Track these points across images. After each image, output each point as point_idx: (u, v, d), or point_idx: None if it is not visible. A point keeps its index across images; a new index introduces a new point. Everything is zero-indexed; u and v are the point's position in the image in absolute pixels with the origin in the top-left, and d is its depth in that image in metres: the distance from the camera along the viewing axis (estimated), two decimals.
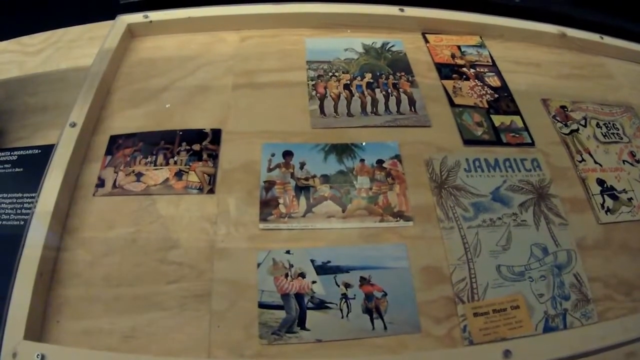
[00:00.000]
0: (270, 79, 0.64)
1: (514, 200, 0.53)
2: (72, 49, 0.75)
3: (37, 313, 0.44)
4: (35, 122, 0.64)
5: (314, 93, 0.62)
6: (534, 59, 0.72)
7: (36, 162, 0.59)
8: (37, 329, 0.43)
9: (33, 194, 0.52)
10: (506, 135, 0.59)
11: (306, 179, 0.53)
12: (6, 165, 0.60)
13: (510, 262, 0.49)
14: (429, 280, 0.47)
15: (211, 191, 0.53)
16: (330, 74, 0.64)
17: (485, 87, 0.64)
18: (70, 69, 0.72)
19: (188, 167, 0.55)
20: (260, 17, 0.70)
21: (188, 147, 0.57)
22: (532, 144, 0.59)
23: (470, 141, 0.58)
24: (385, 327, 0.44)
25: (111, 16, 0.74)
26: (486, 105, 0.62)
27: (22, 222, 0.53)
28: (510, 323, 0.45)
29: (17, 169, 0.59)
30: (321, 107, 0.60)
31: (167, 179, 0.54)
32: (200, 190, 0.53)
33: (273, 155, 0.55)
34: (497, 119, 0.60)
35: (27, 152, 0.61)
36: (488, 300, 0.46)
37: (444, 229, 0.50)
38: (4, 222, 0.54)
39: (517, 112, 0.62)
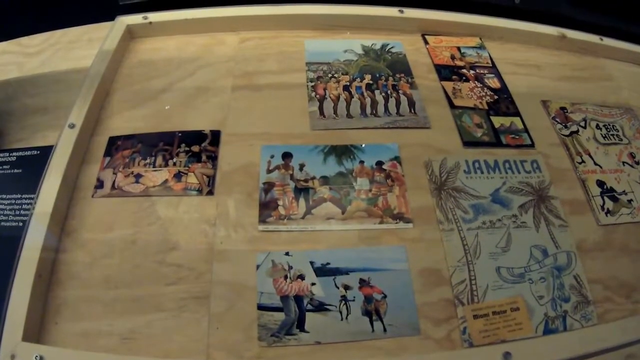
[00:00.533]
0: (270, 81, 0.64)
1: (514, 201, 0.53)
2: (71, 50, 0.75)
3: (36, 314, 0.44)
4: (35, 123, 0.65)
5: (313, 94, 0.62)
6: (533, 60, 0.72)
7: (35, 163, 0.59)
8: (36, 331, 0.43)
9: (32, 195, 0.52)
10: (506, 137, 0.59)
11: (305, 180, 0.53)
12: (5, 167, 0.60)
13: (510, 264, 0.49)
14: (429, 282, 0.47)
15: (210, 193, 0.53)
16: (330, 75, 0.64)
17: (485, 88, 0.65)
18: (70, 70, 0.72)
19: (187, 168, 0.55)
20: (260, 19, 0.70)
21: (187, 149, 0.57)
22: (531, 146, 0.59)
23: (469, 143, 0.58)
24: (384, 329, 0.44)
25: (110, 17, 0.74)
26: (486, 107, 0.62)
27: (20, 224, 0.53)
28: (510, 325, 0.46)
29: (16, 170, 0.59)
30: (320, 108, 0.60)
31: (166, 181, 0.54)
32: (200, 191, 0.53)
33: (272, 156, 0.55)
34: (497, 121, 0.60)
35: (26, 153, 0.61)
36: (488, 302, 0.47)
37: (444, 230, 0.50)
38: (2, 223, 0.54)
39: (516, 114, 0.62)
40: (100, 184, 0.54)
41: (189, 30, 0.71)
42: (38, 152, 0.61)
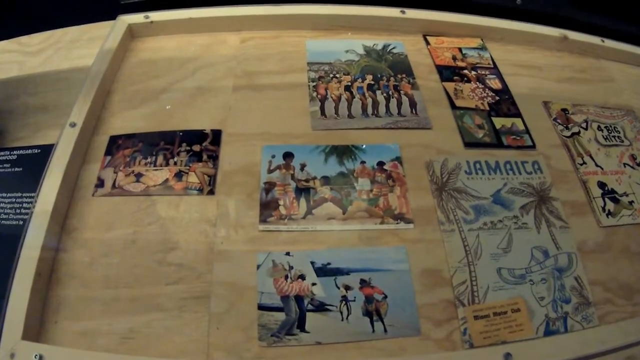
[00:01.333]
0: (271, 81, 0.64)
1: (515, 203, 0.53)
2: (72, 49, 0.75)
3: (35, 313, 0.44)
4: (35, 122, 0.65)
5: (314, 94, 0.62)
6: (535, 61, 0.72)
7: (36, 161, 0.59)
8: (35, 330, 0.43)
9: (32, 194, 0.52)
10: (507, 138, 0.59)
11: (307, 180, 0.53)
12: (5, 165, 0.60)
13: (511, 265, 0.49)
14: (430, 282, 0.47)
15: (211, 192, 0.53)
16: (331, 75, 0.64)
17: (487, 89, 0.64)
18: (70, 69, 0.72)
19: (188, 167, 0.55)
20: (261, 19, 0.70)
21: (188, 148, 0.57)
22: (533, 147, 0.59)
23: (471, 144, 0.58)
24: (385, 330, 0.44)
25: (112, 16, 0.74)
26: (487, 108, 0.62)
27: (21, 222, 0.53)
28: (510, 326, 0.45)
29: (16, 169, 0.59)
30: (322, 108, 0.60)
31: (166, 180, 0.54)
32: (200, 191, 0.53)
33: (273, 156, 0.55)
34: (498, 122, 0.60)
35: (27, 151, 0.61)
36: (489, 303, 0.46)
37: (445, 231, 0.50)
38: (3, 222, 0.54)
39: (518, 115, 0.62)
40: (100, 183, 0.54)
41: (190, 29, 0.71)
42: (39, 150, 0.60)
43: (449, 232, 0.50)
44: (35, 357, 0.40)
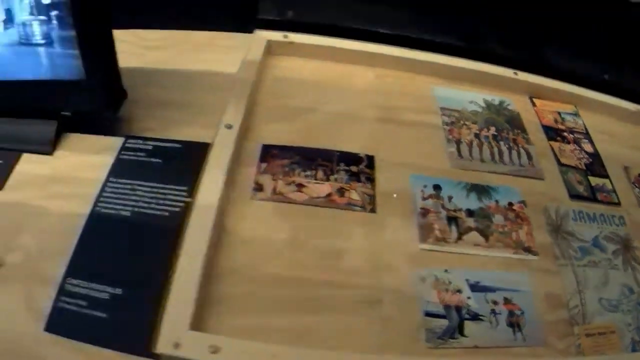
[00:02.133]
0: (409, 118, 0.79)
1: (608, 248, 0.74)
2: (194, 51, 0.90)
3: (198, 307, 0.50)
4: (163, 116, 0.76)
5: (450, 137, 0.80)
6: (615, 130, 0.91)
7: (176, 155, 0.69)
8: (199, 322, 0.50)
9: (174, 187, 0.64)
10: (600, 195, 0.82)
11: (454, 210, 0.73)
12: (140, 154, 0.70)
13: (608, 296, 0.71)
14: (552, 305, 0.64)
15: (372, 210, 0.69)
16: (462, 122, 0.82)
17: (583, 151, 0.86)
18: (195, 71, 0.88)
19: (349, 185, 0.71)
20: (395, 59, 0.85)
21: (346, 168, 0.72)
22: (618, 204, 0.81)
23: (574, 196, 0.77)
24: (524, 339, 0.65)
25: (240, 28, 0.91)
26: (584, 167, 0.82)
27: (159, 212, 0.63)
28: (610, 343, 0.68)
29: (153, 159, 0.69)
30: (458, 149, 0.77)
31: (329, 194, 0.69)
32: (362, 207, 0.70)
33: (425, 186, 0.73)
34: (593, 180, 0.79)
35: (165, 144, 0.70)
36: (594, 324, 0.68)
37: (560, 265, 0.71)
38: (144, 210, 0.63)
39: (606, 176, 0.84)
40: (259, 187, 0.65)
41: (326, 57, 0.84)
42: (180, 145, 0.70)
43: (564, 266, 0.73)
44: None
